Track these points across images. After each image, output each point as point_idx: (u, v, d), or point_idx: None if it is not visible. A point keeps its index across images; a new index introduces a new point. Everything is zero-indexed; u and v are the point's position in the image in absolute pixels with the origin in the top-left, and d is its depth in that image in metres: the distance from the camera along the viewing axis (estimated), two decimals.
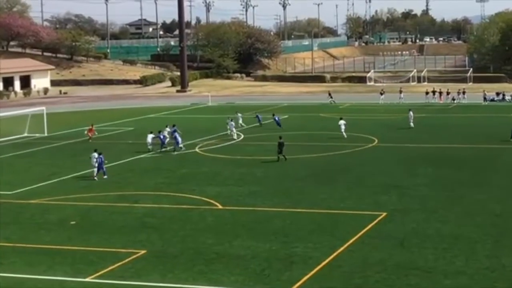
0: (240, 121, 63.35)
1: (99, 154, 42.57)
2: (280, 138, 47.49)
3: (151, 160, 48.57)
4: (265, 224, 31.09)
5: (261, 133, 59.04)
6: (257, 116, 65.09)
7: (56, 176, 43.11)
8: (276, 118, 63.02)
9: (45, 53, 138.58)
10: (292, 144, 53.60)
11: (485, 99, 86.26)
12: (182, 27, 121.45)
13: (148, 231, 30.15)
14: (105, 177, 42.15)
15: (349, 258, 25.88)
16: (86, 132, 58.86)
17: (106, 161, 43.40)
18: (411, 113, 62.67)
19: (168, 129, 54.73)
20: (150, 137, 52.07)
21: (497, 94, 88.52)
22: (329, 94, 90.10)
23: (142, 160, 48.53)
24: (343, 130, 55.95)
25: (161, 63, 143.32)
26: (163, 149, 51.21)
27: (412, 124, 61.86)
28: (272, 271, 24.71)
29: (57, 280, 24.35)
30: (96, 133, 58.65)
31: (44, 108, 65.75)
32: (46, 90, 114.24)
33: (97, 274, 24.68)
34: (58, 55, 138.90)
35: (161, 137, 51.75)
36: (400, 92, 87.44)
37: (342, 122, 56.67)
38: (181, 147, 50.98)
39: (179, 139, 51.51)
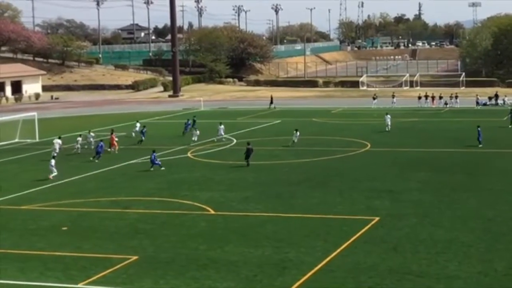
0: (137, 129, 61.46)
1: (153, 152, 46.58)
2: (248, 144, 47.40)
3: (142, 165, 48.38)
4: (257, 229, 31.01)
5: (253, 138, 58.89)
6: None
7: (48, 182, 42.91)
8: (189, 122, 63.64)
9: (36, 58, 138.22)
10: (285, 149, 53.64)
11: (477, 103, 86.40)
12: (174, 32, 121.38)
13: (140, 237, 30.02)
14: (163, 168, 45.83)
15: (342, 263, 25.81)
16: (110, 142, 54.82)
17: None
18: (388, 116, 63.59)
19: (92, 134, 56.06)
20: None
21: (490, 98, 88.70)
22: (271, 99, 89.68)
23: (133, 166, 48.37)
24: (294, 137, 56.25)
25: (153, 68, 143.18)
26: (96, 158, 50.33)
27: (388, 128, 62.48)
28: (264, 276, 24.62)
29: (49, 286, 24.23)
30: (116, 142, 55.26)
31: (35, 113, 65.57)
32: (37, 96, 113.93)
33: (89, 280, 24.55)
34: (50, 60, 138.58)
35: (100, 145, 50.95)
36: (393, 96, 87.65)
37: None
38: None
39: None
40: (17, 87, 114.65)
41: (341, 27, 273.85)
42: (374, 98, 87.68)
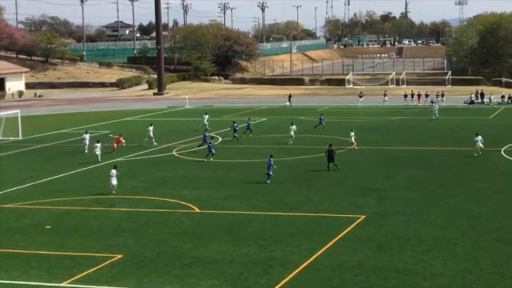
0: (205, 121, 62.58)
1: (271, 156, 40.99)
2: (330, 146, 45.09)
3: (127, 163, 48.09)
4: (243, 228, 30.85)
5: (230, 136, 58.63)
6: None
7: (31, 180, 42.56)
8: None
9: (19, 56, 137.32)
10: (271, 147, 53.46)
11: (472, 101, 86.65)
12: (159, 29, 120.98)
13: (124, 235, 29.80)
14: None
15: (327, 262, 25.70)
16: (114, 143, 52.93)
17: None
18: (436, 105, 71.92)
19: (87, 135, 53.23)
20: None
21: (476, 96, 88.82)
22: (289, 97, 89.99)
23: (118, 164, 47.96)
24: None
25: (138, 66, 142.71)
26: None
27: (437, 116, 69.63)
28: (250, 275, 24.47)
29: (32, 285, 24.00)
30: (124, 144, 53.37)
31: (18, 111, 64.95)
32: (20, 93, 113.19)
33: (73, 279, 24.36)
34: (33, 58, 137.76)
35: (208, 142, 49.49)
36: (384, 95, 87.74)
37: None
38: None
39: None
40: (0, 85, 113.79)
41: (327, 25, 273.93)
42: (360, 96, 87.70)
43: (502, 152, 49.04)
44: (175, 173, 44.35)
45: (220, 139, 57.99)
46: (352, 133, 53.45)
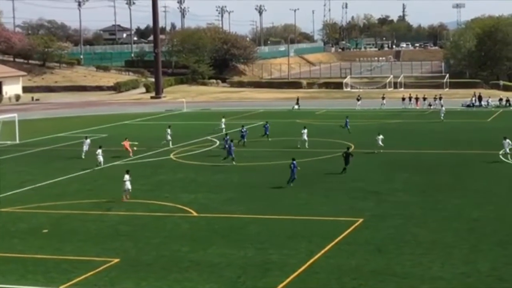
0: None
1: (293, 160, 40.73)
2: (348, 149, 45.49)
3: (125, 167, 47.94)
4: (240, 231, 30.81)
5: (236, 139, 58.56)
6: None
7: (29, 184, 42.48)
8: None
9: (16, 59, 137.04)
10: (269, 150, 53.47)
11: (473, 104, 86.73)
12: (156, 32, 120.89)
13: (122, 239, 29.75)
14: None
15: (325, 265, 25.67)
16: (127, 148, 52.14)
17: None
18: (443, 109, 73.21)
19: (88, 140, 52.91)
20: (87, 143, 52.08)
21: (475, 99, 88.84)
22: (297, 100, 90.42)
23: (115, 167, 47.95)
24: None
25: (135, 69, 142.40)
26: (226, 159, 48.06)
27: (442, 118, 70.51)
28: (247, 278, 24.43)
29: None
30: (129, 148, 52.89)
31: (16, 115, 64.88)
32: (18, 97, 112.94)
33: (70, 283, 24.29)
34: (30, 61, 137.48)
35: (228, 145, 48.77)
36: (383, 98, 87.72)
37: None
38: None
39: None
40: None
41: (325, 28, 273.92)
42: (358, 100, 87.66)
43: (500, 155, 49.02)
44: (173, 176, 44.29)
45: (218, 142, 57.89)
46: (380, 137, 51.79)
